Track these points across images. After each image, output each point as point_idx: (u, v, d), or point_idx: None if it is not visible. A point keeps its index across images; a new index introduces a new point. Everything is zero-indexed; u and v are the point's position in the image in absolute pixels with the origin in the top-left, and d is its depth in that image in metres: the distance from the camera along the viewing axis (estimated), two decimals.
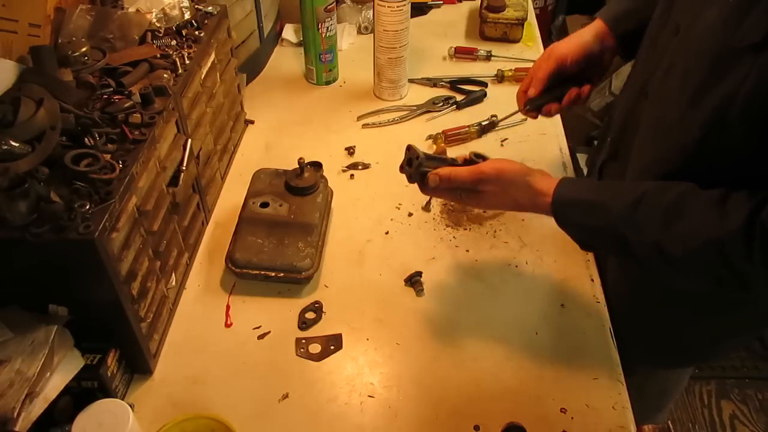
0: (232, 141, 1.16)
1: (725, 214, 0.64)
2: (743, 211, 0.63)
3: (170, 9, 0.97)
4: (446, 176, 0.81)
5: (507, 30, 1.50)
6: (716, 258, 0.65)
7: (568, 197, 0.76)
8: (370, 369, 0.84)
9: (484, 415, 0.79)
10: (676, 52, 0.75)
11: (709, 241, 0.65)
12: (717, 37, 0.66)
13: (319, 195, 1.00)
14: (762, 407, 1.88)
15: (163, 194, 0.82)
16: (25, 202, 0.64)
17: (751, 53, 0.61)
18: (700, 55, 0.68)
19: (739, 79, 0.63)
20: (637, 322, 0.93)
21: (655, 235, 0.68)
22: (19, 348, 0.69)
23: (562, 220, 0.78)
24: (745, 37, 0.62)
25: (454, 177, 0.81)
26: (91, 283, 0.69)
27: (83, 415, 0.69)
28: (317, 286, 0.95)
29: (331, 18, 1.30)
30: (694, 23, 0.71)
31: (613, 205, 0.72)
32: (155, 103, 0.82)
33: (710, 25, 0.67)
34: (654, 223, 0.68)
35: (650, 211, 0.69)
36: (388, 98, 1.33)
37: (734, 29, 0.63)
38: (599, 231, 0.74)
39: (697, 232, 0.66)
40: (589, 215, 0.74)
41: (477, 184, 0.80)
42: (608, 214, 0.72)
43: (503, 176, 0.79)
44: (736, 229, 0.62)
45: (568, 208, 0.76)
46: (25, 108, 0.70)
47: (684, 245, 0.66)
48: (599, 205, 0.73)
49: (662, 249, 0.68)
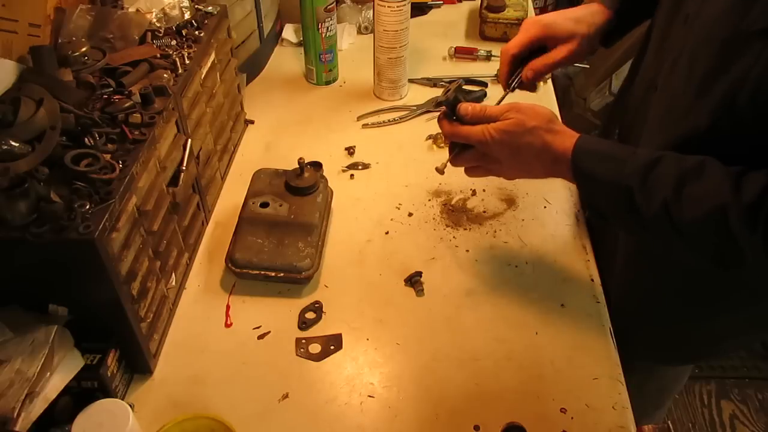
0: (232, 141, 1.16)
1: (739, 186, 0.64)
2: (757, 186, 0.63)
3: (170, 9, 0.97)
4: (479, 108, 0.80)
5: (507, 30, 1.50)
6: (721, 225, 0.64)
7: (589, 147, 0.75)
8: (370, 369, 0.84)
9: (484, 415, 0.79)
10: (683, 41, 0.74)
11: (716, 206, 0.64)
12: (725, 24, 0.65)
13: (319, 195, 1.00)
14: (762, 407, 1.88)
15: (163, 194, 0.82)
16: (25, 202, 0.64)
17: (761, 38, 0.61)
18: (707, 42, 0.68)
19: (748, 64, 0.63)
20: (639, 318, 0.93)
21: (666, 194, 0.67)
22: (19, 348, 0.69)
23: (578, 170, 0.75)
24: (755, 22, 0.62)
25: (485, 109, 0.80)
26: (91, 283, 0.69)
27: (83, 415, 0.69)
28: (317, 286, 0.95)
29: (331, 18, 1.30)
30: (702, 10, 0.71)
31: (632, 160, 0.71)
32: (155, 103, 0.82)
33: (718, 13, 0.67)
34: (667, 184, 0.67)
35: (666, 171, 0.68)
36: (388, 98, 1.33)
37: (743, 15, 0.63)
38: (612, 185, 0.72)
39: (707, 196, 0.65)
40: (605, 166, 0.73)
41: (508, 111, 0.78)
42: (624, 167, 0.71)
43: (533, 111, 0.78)
44: (746, 201, 0.62)
45: (586, 156, 0.74)
46: (25, 108, 0.70)
47: (692, 207, 0.66)
48: (618, 158, 0.72)
49: (670, 210, 0.67)
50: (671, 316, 0.92)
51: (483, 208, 1.07)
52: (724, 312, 0.88)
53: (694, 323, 0.92)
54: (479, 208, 1.08)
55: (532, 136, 0.77)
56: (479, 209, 1.07)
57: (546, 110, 0.79)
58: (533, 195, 1.09)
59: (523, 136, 0.77)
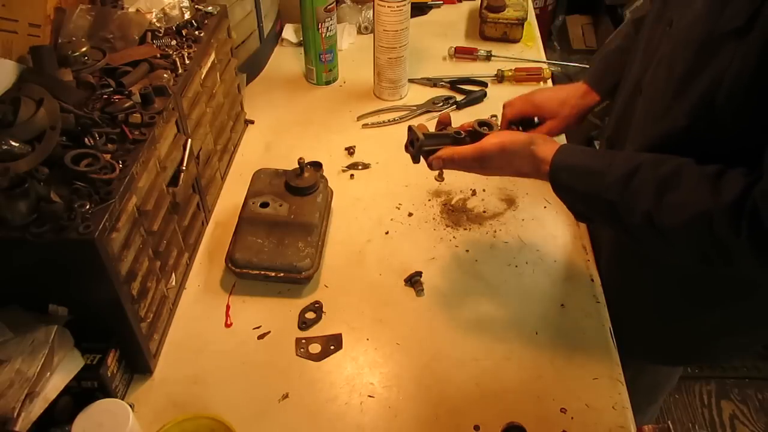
0: (232, 141, 1.16)
1: (718, 189, 0.64)
2: (737, 187, 0.63)
3: (170, 9, 0.97)
4: (449, 157, 0.82)
5: (507, 30, 1.50)
6: (705, 230, 0.65)
7: (566, 162, 0.76)
8: (370, 369, 0.84)
9: (484, 415, 0.79)
10: (665, 45, 0.76)
11: (699, 212, 0.65)
12: (702, 27, 0.67)
13: (319, 195, 1.00)
14: (762, 407, 1.88)
15: (163, 194, 0.82)
16: (25, 202, 0.64)
17: (735, 38, 0.62)
18: (685, 45, 0.70)
19: (723, 64, 0.64)
20: (629, 316, 0.93)
21: (647, 204, 0.68)
22: (19, 348, 0.69)
23: (557, 185, 0.77)
24: (729, 23, 0.63)
25: (457, 158, 0.82)
26: (91, 283, 0.69)
27: (83, 415, 0.69)
28: (317, 286, 0.95)
29: (331, 18, 1.30)
30: (682, 16, 0.72)
31: (609, 172, 0.72)
32: (155, 103, 0.82)
33: (697, 16, 0.68)
34: (647, 193, 0.69)
35: (644, 182, 0.69)
36: (388, 98, 1.33)
37: (718, 16, 0.64)
38: (592, 197, 0.74)
39: (688, 202, 0.66)
40: (583, 181, 0.74)
41: (480, 161, 0.81)
42: (602, 181, 0.72)
43: (506, 149, 0.79)
44: (728, 203, 0.63)
45: (563, 173, 0.76)
46: (25, 108, 0.70)
47: (675, 215, 0.67)
48: (595, 171, 0.74)
49: (653, 219, 0.68)
50: (660, 308, 0.93)
51: (483, 208, 1.07)
52: (717, 306, 0.88)
53: (686, 319, 0.92)
54: (479, 208, 1.08)
55: (522, 146, 0.80)
56: (479, 209, 1.07)
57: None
58: (533, 195, 1.09)
59: (514, 144, 0.80)
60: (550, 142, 0.79)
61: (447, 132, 0.86)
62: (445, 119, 0.89)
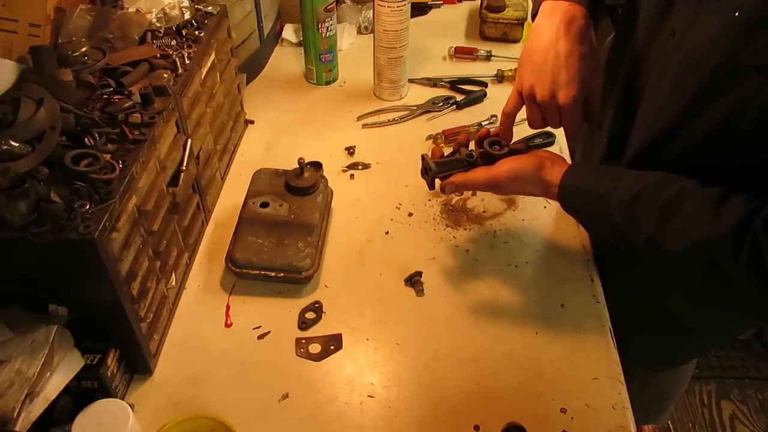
0: (232, 141, 1.16)
1: (719, 215, 0.65)
2: (737, 214, 0.64)
3: (170, 9, 0.97)
4: (461, 183, 0.86)
5: (507, 30, 1.50)
6: (705, 257, 0.67)
7: (572, 185, 0.79)
8: (370, 369, 0.84)
9: (484, 415, 0.79)
10: (670, 56, 0.75)
11: (699, 240, 0.66)
12: (719, 51, 0.66)
13: (319, 195, 1.00)
14: (762, 407, 1.88)
15: (163, 194, 0.82)
16: (25, 202, 0.64)
17: (762, 72, 0.62)
18: (697, 65, 0.69)
19: (749, 93, 0.64)
20: (631, 322, 0.93)
21: (650, 230, 0.70)
22: (19, 348, 0.69)
23: (565, 206, 0.81)
24: (756, 57, 0.62)
25: (469, 183, 0.86)
26: (91, 283, 0.69)
27: (83, 415, 0.69)
28: (317, 286, 0.95)
29: (331, 18, 1.30)
30: (691, 29, 0.71)
31: (614, 194, 0.74)
32: (155, 103, 0.82)
33: (710, 38, 0.67)
34: (650, 219, 0.70)
35: (647, 207, 0.71)
36: (388, 98, 1.33)
37: (742, 45, 0.63)
38: (598, 219, 0.78)
39: (689, 229, 0.67)
40: (590, 203, 0.78)
41: (493, 188, 0.85)
42: (608, 204, 0.74)
43: (518, 176, 0.83)
44: (727, 231, 0.64)
45: (571, 196, 0.80)
46: (25, 108, 0.70)
47: (676, 241, 0.68)
48: (601, 194, 0.76)
49: (655, 243, 0.70)
50: (664, 314, 0.93)
51: (483, 208, 1.07)
52: (717, 303, 0.88)
53: (684, 318, 0.92)
54: (479, 208, 1.08)
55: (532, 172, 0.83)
56: (479, 209, 1.07)
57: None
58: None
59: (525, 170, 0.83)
60: (558, 164, 0.82)
61: (459, 157, 0.89)
62: (463, 141, 0.91)
